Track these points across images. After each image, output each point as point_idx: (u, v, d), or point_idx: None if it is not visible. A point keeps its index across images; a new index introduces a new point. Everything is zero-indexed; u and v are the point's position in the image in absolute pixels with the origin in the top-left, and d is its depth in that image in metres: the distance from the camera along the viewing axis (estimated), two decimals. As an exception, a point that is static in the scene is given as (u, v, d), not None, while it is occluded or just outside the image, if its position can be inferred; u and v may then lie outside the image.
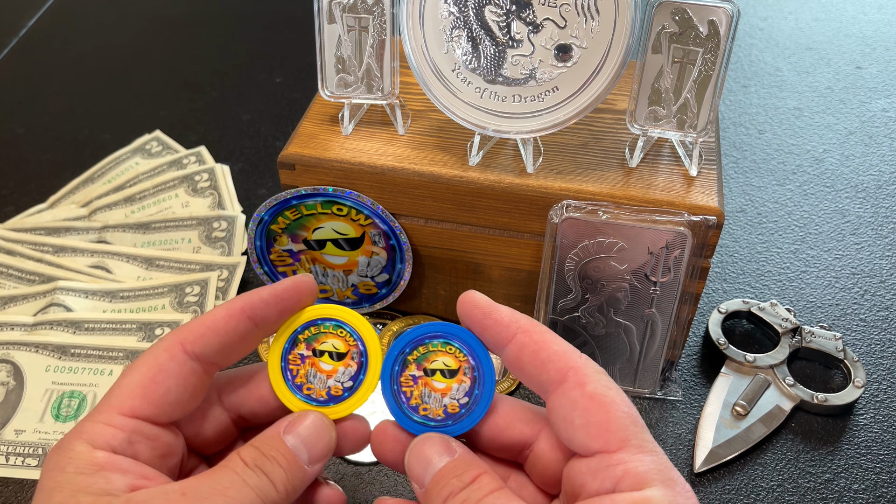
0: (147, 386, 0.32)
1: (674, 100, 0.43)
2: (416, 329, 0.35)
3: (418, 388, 0.35)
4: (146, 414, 0.32)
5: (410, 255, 0.48)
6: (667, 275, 0.43)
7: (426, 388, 0.35)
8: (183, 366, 0.33)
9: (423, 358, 0.35)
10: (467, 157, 0.45)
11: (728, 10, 0.40)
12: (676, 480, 0.31)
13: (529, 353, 0.33)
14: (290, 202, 0.46)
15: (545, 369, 0.33)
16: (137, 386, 0.32)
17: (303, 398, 0.35)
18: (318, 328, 0.35)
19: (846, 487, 0.44)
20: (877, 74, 0.79)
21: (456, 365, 0.34)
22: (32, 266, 0.55)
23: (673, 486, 0.30)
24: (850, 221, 0.62)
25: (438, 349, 0.35)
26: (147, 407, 0.32)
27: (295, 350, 0.35)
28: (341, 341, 0.35)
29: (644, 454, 0.31)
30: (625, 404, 0.32)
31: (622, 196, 0.43)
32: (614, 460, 0.31)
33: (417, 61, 0.43)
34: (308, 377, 0.35)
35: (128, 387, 0.33)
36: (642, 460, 0.31)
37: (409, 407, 0.35)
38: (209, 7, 0.90)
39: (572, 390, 0.32)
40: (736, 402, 0.47)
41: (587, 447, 0.31)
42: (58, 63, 0.81)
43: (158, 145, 0.68)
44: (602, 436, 0.31)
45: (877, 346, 0.52)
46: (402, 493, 0.43)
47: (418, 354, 0.35)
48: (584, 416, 0.31)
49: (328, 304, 0.36)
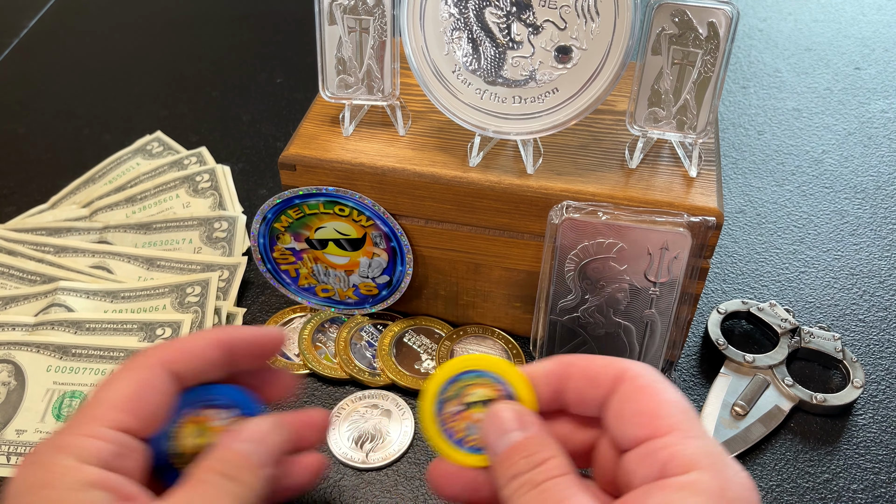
0: (133, 400, 0.33)
1: (673, 101, 0.43)
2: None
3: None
4: (133, 427, 0.32)
5: (411, 257, 0.48)
6: (666, 275, 0.43)
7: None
8: (164, 383, 0.34)
9: (459, 393, 0.35)
10: (467, 158, 0.45)
11: (728, 12, 0.40)
12: (729, 466, 0.30)
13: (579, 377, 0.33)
14: (292, 201, 0.47)
15: (598, 383, 0.33)
16: (124, 399, 0.33)
17: (469, 450, 0.35)
18: (459, 383, 0.35)
19: (845, 487, 0.45)
20: (876, 75, 0.79)
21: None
22: (33, 266, 0.55)
23: (723, 470, 0.30)
24: (849, 222, 0.62)
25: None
26: (134, 421, 0.33)
27: (446, 411, 0.35)
28: (485, 388, 0.35)
29: (692, 439, 0.31)
30: (675, 394, 0.32)
31: (622, 197, 0.43)
32: (661, 444, 0.30)
33: (418, 62, 0.43)
34: (468, 430, 0.35)
35: (113, 400, 0.33)
36: (690, 444, 0.30)
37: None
38: (210, 8, 0.90)
39: (623, 385, 0.32)
40: (735, 402, 0.47)
41: (637, 436, 0.31)
42: (59, 63, 0.81)
43: (159, 146, 0.68)
44: (651, 423, 0.31)
45: (875, 346, 0.52)
46: (403, 494, 0.44)
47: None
48: (634, 406, 0.32)
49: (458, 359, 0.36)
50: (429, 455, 0.45)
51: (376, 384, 0.49)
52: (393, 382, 0.49)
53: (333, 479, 0.44)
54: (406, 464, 0.45)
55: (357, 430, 0.46)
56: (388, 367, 0.49)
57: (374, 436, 0.46)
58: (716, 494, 0.29)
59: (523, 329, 0.51)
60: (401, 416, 0.47)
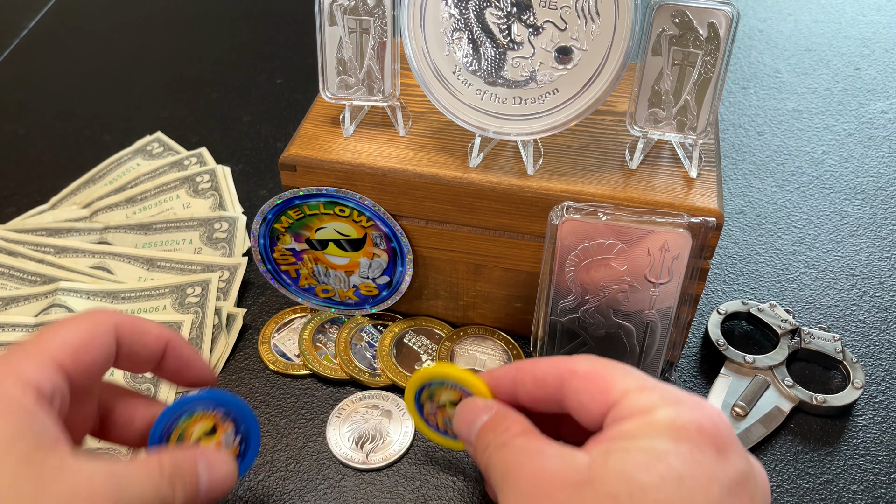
0: (80, 348, 0.33)
1: (674, 102, 0.43)
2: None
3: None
4: (71, 374, 0.32)
5: (411, 258, 0.48)
6: (666, 276, 0.43)
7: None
8: (110, 344, 0.34)
9: (432, 396, 0.41)
10: (468, 158, 0.45)
11: (728, 13, 0.40)
12: (684, 400, 0.32)
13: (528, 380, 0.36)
14: (293, 202, 0.47)
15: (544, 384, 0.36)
16: (71, 345, 0.33)
17: (453, 438, 0.41)
18: (430, 389, 0.41)
19: (845, 488, 0.45)
20: (876, 76, 0.79)
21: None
22: (34, 267, 0.55)
23: (677, 405, 0.32)
24: (849, 223, 0.62)
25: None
26: (74, 368, 0.33)
27: (426, 409, 0.42)
28: (450, 392, 0.40)
29: (646, 391, 0.33)
30: (619, 367, 0.34)
31: (622, 198, 0.43)
32: (619, 408, 0.33)
33: (418, 63, 0.43)
34: (446, 423, 0.41)
35: (61, 341, 0.33)
36: (645, 395, 0.32)
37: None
38: (210, 8, 0.90)
39: (571, 382, 0.35)
40: (735, 402, 0.47)
41: (598, 414, 0.33)
42: (59, 64, 0.81)
43: (159, 146, 0.68)
44: (604, 398, 0.33)
45: (876, 347, 0.52)
46: (402, 494, 0.44)
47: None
48: (585, 395, 0.34)
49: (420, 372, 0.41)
50: (429, 456, 0.45)
51: (376, 385, 0.49)
52: (393, 383, 0.49)
53: (333, 480, 0.44)
54: (406, 464, 0.45)
55: (357, 431, 0.46)
56: (389, 368, 0.49)
57: (374, 436, 0.46)
58: (668, 424, 0.31)
59: (523, 329, 0.51)
60: (401, 416, 0.47)
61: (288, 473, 0.44)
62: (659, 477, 0.30)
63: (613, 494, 0.30)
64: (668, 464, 0.30)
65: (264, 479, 0.44)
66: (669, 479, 0.30)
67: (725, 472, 0.31)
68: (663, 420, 0.31)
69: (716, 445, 0.31)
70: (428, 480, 0.44)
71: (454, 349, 0.51)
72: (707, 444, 0.31)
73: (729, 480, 0.30)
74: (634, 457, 0.30)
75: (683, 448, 0.30)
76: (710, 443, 0.31)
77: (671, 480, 0.30)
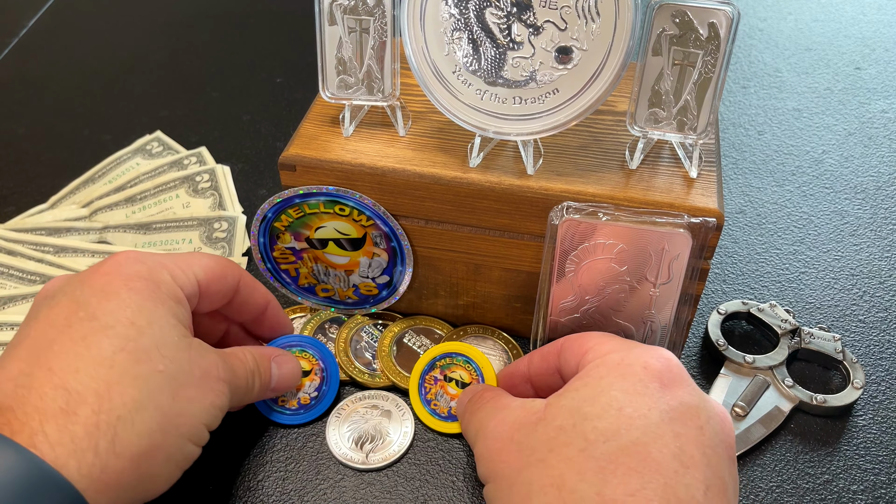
0: (216, 277, 0.41)
1: (674, 102, 0.43)
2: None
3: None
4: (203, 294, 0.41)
5: (412, 257, 0.48)
6: (666, 276, 0.43)
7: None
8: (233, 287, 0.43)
9: (447, 367, 0.47)
10: (468, 158, 0.45)
11: (728, 13, 0.40)
12: (637, 346, 0.37)
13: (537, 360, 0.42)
14: (293, 200, 0.46)
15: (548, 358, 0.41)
16: (212, 271, 0.41)
17: (429, 411, 0.46)
18: (452, 360, 0.47)
19: (845, 489, 0.45)
20: (876, 75, 0.79)
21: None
22: (33, 266, 0.55)
23: (629, 350, 0.36)
24: (849, 222, 0.62)
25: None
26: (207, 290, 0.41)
27: (431, 373, 0.47)
28: (467, 374, 0.46)
29: (611, 341, 0.38)
30: (603, 333, 0.39)
31: (622, 198, 0.43)
32: (585, 358, 0.37)
33: (418, 63, 0.43)
34: (437, 396, 0.46)
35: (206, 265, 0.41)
36: (607, 345, 0.37)
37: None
38: (209, 7, 0.90)
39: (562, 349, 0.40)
40: (735, 402, 0.47)
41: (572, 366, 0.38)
42: (58, 63, 0.81)
43: (159, 146, 0.68)
44: (580, 350, 0.38)
45: (876, 347, 0.52)
46: (403, 494, 0.44)
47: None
48: (570, 352, 0.39)
49: (464, 343, 0.48)
50: (429, 456, 0.45)
51: (376, 385, 0.49)
52: (393, 383, 0.49)
53: (333, 480, 0.44)
54: (406, 464, 0.45)
55: (357, 431, 0.46)
56: (388, 368, 0.49)
57: (374, 436, 0.46)
58: (616, 363, 0.35)
59: (523, 329, 0.51)
60: (401, 416, 0.47)
61: (287, 473, 0.44)
62: (601, 407, 0.33)
63: (560, 426, 0.34)
64: (610, 395, 0.34)
65: (264, 480, 0.44)
66: (610, 408, 0.33)
67: (668, 402, 0.33)
68: (612, 360, 0.35)
69: (660, 380, 0.34)
70: (428, 480, 0.44)
71: (454, 349, 0.51)
72: (651, 378, 0.34)
73: (670, 409, 0.33)
74: (582, 393, 0.35)
75: (627, 383, 0.34)
76: (654, 378, 0.34)
77: (612, 409, 0.33)
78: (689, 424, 0.33)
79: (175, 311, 0.37)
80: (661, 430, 0.32)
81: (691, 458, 0.32)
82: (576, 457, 0.32)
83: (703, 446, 0.32)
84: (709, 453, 0.32)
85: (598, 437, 0.32)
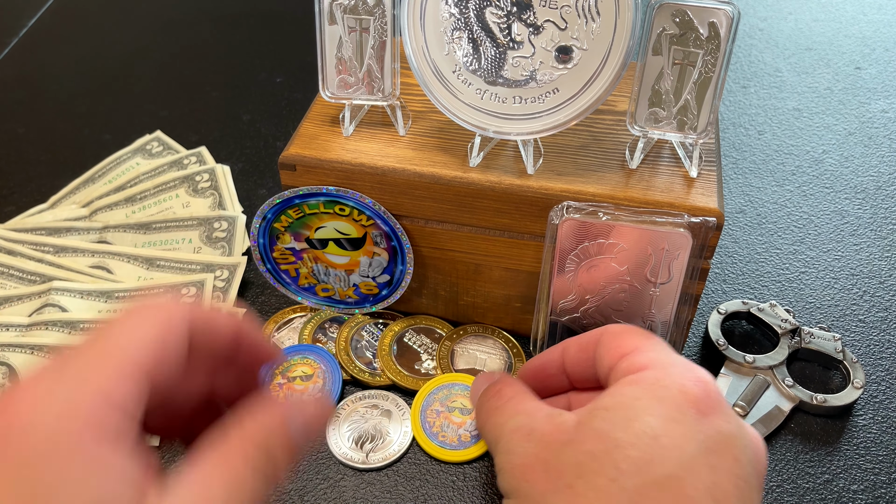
0: (160, 345, 0.27)
1: (674, 101, 0.43)
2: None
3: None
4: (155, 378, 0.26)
5: (412, 256, 0.48)
6: (666, 276, 0.43)
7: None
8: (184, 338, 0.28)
9: (447, 399, 0.47)
10: (468, 158, 0.45)
11: (728, 12, 0.40)
12: (675, 363, 0.34)
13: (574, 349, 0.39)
14: (293, 201, 0.46)
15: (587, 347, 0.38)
16: (153, 341, 0.26)
17: (438, 444, 0.45)
18: (450, 391, 0.47)
19: (845, 488, 0.45)
20: (876, 75, 0.79)
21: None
22: (33, 266, 0.55)
23: (667, 368, 0.34)
24: (849, 222, 0.62)
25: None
26: (158, 370, 0.26)
27: (432, 407, 0.47)
28: (468, 401, 0.46)
29: (650, 352, 0.35)
30: (641, 331, 0.37)
31: (622, 197, 0.43)
32: (624, 362, 0.35)
33: (418, 62, 0.43)
34: (442, 427, 0.46)
35: (143, 340, 0.26)
36: (646, 355, 0.35)
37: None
38: (209, 7, 0.90)
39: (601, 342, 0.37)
40: (735, 402, 0.47)
41: (608, 366, 0.36)
42: (58, 63, 0.81)
43: (159, 145, 0.68)
44: (618, 350, 0.36)
45: (876, 347, 0.52)
46: (403, 494, 0.43)
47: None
48: (607, 348, 0.36)
49: (456, 374, 0.48)
50: (429, 456, 0.45)
51: (376, 384, 0.49)
52: (393, 383, 0.48)
53: (333, 480, 0.44)
54: (406, 464, 0.45)
55: (357, 431, 0.46)
56: (389, 368, 0.49)
57: (374, 436, 0.46)
58: (651, 385, 0.33)
59: (524, 329, 0.51)
60: (401, 416, 0.47)
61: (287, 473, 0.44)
62: (634, 435, 0.31)
63: (591, 451, 0.32)
64: (644, 422, 0.31)
65: (264, 479, 0.44)
66: (645, 436, 0.31)
67: (704, 432, 0.31)
68: (648, 379, 0.33)
69: (697, 407, 0.32)
70: (428, 480, 0.44)
71: (454, 348, 0.51)
72: (688, 405, 0.32)
73: (707, 439, 0.31)
74: (615, 415, 0.32)
75: (663, 408, 0.32)
76: (692, 404, 0.32)
77: (646, 437, 0.31)
78: (726, 455, 0.31)
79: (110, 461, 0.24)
80: (697, 462, 0.31)
81: (724, 493, 0.30)
82: (606, 487, 0.31)
83: (736, 478, 0.31)
84: (741, 485, 0.31)
85: (630, 468, 0.31)
